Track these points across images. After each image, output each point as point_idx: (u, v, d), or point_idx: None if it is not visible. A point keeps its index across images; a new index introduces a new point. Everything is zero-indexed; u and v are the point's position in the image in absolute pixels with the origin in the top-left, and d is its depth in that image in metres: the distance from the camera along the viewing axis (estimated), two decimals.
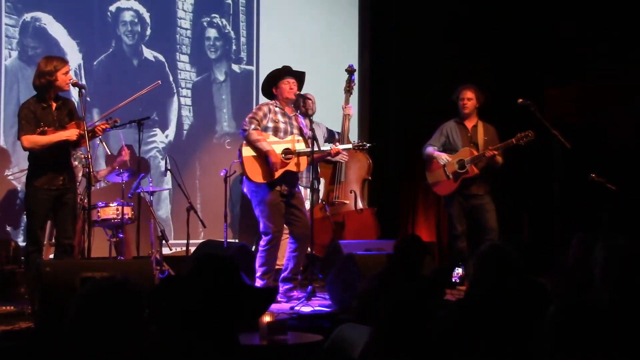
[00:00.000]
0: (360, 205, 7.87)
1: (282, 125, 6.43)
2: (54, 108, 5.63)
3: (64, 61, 5.69)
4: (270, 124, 6.40)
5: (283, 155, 6.34)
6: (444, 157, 7.11)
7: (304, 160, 6.47)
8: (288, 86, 6.47)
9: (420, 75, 8.87)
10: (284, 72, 6.53)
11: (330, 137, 7.68)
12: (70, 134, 5.56)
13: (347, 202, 7.82)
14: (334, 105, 7.81)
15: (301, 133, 6.48)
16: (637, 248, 2.93)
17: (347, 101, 7.64)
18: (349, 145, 6.64)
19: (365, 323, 3.23)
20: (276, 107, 6.48)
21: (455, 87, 7.31)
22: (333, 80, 7.82)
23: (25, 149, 5.60)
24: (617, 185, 7.05)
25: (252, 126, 6.32)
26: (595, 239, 3.47)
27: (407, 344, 2.46)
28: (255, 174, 6.35)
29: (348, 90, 7.66)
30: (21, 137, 5.55)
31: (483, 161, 7.09)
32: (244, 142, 6.41)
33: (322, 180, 7.80)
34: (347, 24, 9.11)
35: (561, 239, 6.47)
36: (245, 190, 6.57)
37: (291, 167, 6.38)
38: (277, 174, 6.28)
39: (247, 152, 6.36)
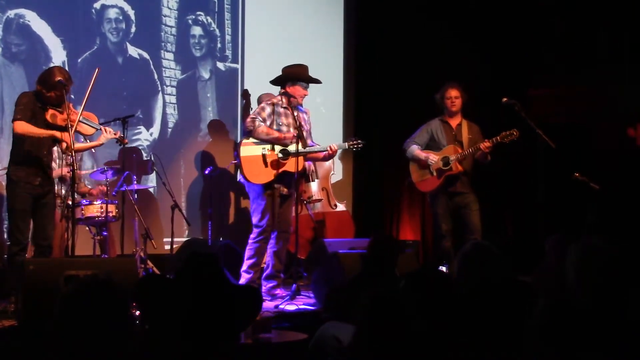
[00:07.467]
0: (334, 201, 7.93)
1: (284, 128, 6.43)
2: (48, 114, 5.67)
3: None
4: (274, 127, 6.42)
5: (281, 155, 6.37)
6: (432, 158, 7.05)
7: (301, 161, 6.45)
8: (304, 92, 6.50)
9: (405, 73, 8.88)
10: (307, 79, 6.53)
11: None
12: (61, 135, 5.62)
13: (321, 198, 7.88)
14: (319, 103, 7.79)
15: (300, 131, 6.40)
16: (609, 250, 2.93)
17: None
18: (345, 145, 6.65)
19: (347, 321, 3.23)
20: (281, 107, 6.48)
21: (440, 86, 7.30)
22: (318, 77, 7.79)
23: (16, 134, 5.67)
24: (600, 184, 7.09)
25: (257, 123, 6.36)
26: (569, 240, 3.46)
27: (390, 342, 2.46)
28: (254, 175, 6.38)
29: None
30: (15, 121, 5.61)
31: (468, 159, 7.09)
32: (243, 141, 6.42)
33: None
34: (332, 21, 9.10)
35: (545, 238, 6.48)
36: (243, 181, 6.61)
37: (288, 167, 6.40)
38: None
39: (246, 152, 6.39)
